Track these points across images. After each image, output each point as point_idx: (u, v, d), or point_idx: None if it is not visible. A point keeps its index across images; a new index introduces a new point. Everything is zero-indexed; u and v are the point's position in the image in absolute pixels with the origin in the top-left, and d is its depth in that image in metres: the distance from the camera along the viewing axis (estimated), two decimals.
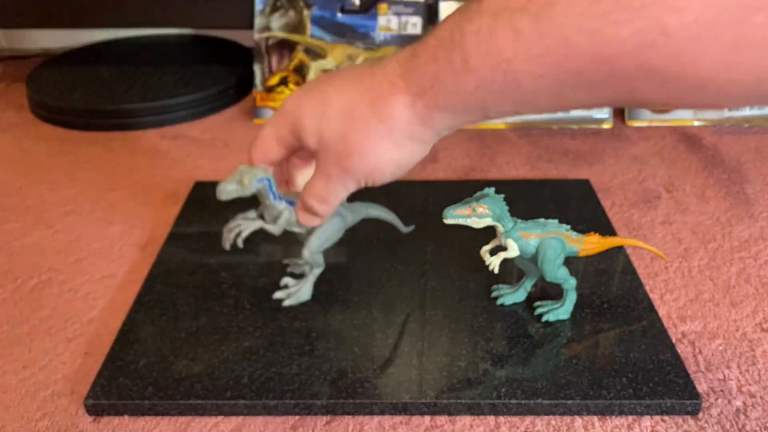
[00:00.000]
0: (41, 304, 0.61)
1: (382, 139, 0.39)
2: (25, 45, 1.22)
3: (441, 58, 0.35)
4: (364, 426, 0.48)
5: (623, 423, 0.48)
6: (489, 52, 0.33)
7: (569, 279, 0.53)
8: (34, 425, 0.49)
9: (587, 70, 0.31)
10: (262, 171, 0.48)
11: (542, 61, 0.31)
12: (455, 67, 0.34)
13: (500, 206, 0.51)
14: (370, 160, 0.40)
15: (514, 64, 0.32)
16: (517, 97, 0.34)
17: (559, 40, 0.30)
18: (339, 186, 0.43)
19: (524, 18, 0.31)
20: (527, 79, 0.32)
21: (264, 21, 0.95)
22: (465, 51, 0.34)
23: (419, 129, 0.39)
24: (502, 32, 0.32)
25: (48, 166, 0.85)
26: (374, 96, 0.38)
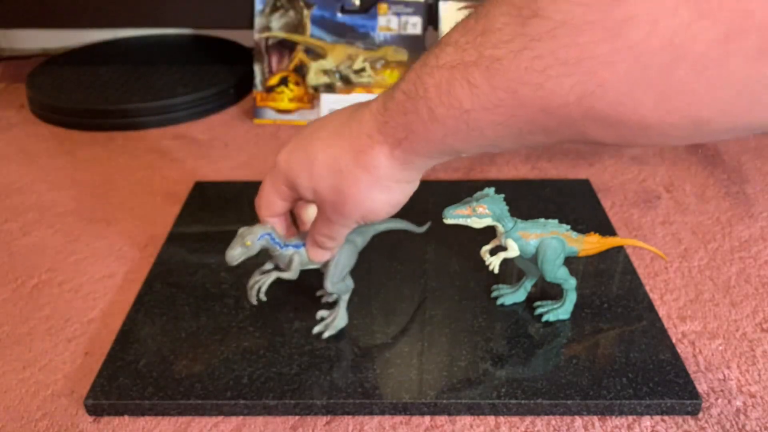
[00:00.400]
0: (41, 304, 0.61)
1: (371, 187, 0.42)
2: (25, 45, 1.22)
3: (409, 110, 0.38)
4: (364, 426, 0.48)
5: (623, 423, 0.48)
6: (451, 104, 0.35)
7: (569, 279, 0.53)
8: (34, 425, 0.49)
9: (538, 119, 0.33)
10: (260, 228, 0.50)
11: (498, 111, 0.34)
12: (423, 117, 0.37)
13: (500, 206, 0.51)
14: (364, 205, 0.43)
15: (473, 114, 0.35)
16: (483, 141, 0.37)
17: (509, 92, 0.33)
18: (340, 227, 0.47)
19: (477, 71, 0.33)
20: (488, 126, 0.35)
21: (264, 21, 0.95)
22: (429, 103, 0.36)
23: (402, 172, 0.42)
24: (459, 85, 0.34)
25: (48, 166, 0.85)
26: (356, 149, 0.41)
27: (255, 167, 0.83)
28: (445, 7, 0.94)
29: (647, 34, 0.28)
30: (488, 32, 0.33)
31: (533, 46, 0.31)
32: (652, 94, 0.29)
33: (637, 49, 0.28)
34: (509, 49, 0.32)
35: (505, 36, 0.32)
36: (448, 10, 0.94)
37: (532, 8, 0.30)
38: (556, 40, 0.30)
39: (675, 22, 0.27)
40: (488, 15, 0.33)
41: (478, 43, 0.33)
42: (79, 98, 0.96)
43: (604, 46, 0.29)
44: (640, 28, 0.28)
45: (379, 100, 0.40)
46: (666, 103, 0.29)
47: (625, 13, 0.28)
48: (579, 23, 0.29)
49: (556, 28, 0.30)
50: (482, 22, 0.33)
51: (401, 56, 0.94)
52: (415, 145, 0.39)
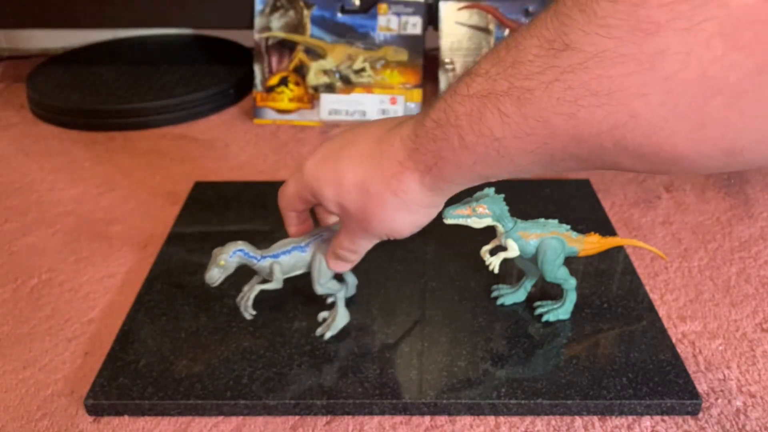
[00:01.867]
0: (41, 304, 0.61)
1: (398, 209, 0.43)
2: (25, 45, 1.22)
3: (440, 138, 0.38)
4: (364, 426, 0.48)
5: (623, 423, 0.48)
6: (481, 132, 0.36)
7: (569, 279, 0.53)
8: (34, 425, 0.49)
9: (570, 148, 0.33)
10: (231, 246, 0.51)
11: (529, 140, 0.34)
12: (453, 145, 0.38)
13: (500, 206, 0.51)
14: (389, 225, 0.44)
15: (504, 142, 0.35)
16: (513, 168, 0.37)
17: (541, 121, 0.33)
18: (364, 241, 0.48)
19: (508, 101, 0.34)
20: (519, 154, 0.35)
21: (264, 21, 0.95)
22: (460, 131, 0.37)
23: (431, 198, 0.43)
24: (491, 114, 0.35)
25: (48, 166, 0.85)
26: (387, 174, 0.42)
27: (255, 167, 0.83)
28: (445, 7, 0.94)
29: (681, 67, 0.28)
30: (519, 64, 0.33)
31: (565, 77, 0.31)
32: (686, 126, 0.30)
33: (670, 81, 0.29)
34: (541, 81, 0.32)
35: (536, 68, 0.32)
36: (448, 10, 0.94)
37: (564, 41, 0.31)
38: (588, 71, 0.30)
39: (709, 54, 0.27)
40: (518, 46, 0.33)
41: (509, 74, 0.34)
42: (79, 98, 0.96)
43: (637, 78, 0.29)
44: (674, 60, 0.28)
45: (408, 126, 0.41)
46: (699, 134, 0.30)
47: (657, 46, 0.28)
48: (612, 56, 0.29)
49: (588, 60, 0.30)
50: (513, 53, 0.34)
51: (401, 56, 0.94)
52: (445, 172, 0.40)
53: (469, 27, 0.95)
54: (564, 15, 0.31)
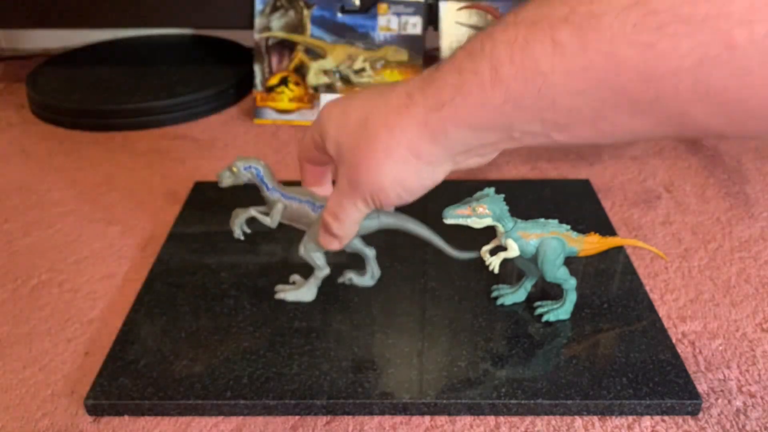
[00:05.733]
0: (41, 304, 0.61)
1: (388, 152, 0.37)
2: (25, 45, 1.22)
3: (467, 69, 0.33)
4: (364, 426, 0.48)
5: (623, 423, 0.48)
6: (523, 64, 0.30)
7: (569, 279, 0.53)
8: (34, 425, 0.49)
9: (635, 89, 0.28)
10: (253, 160, 0.49)
11: (584, 76, 0.29)
12: (482, 78, 0.32)
13: (500, 206, 0.51)
14: (375, 176, 0.39)
15: (551, 78, 0.30)
16: (550, 116, 0.31)
17: (605, 53, 0.28)
18: (349, 203, 0.43)
19: (566, 28, 0.28)
20: (564, 95, 0.30)
21: (264, 21, 0.95)
22: (495, 61, 0.31)
23: (427, 146, 0.37)
24: (540, 43, 0.29)
25: (48, 166, 0.85)
26: (389, 108, 0.37)
27: None
28: (445, 7, 0.94)
29: None
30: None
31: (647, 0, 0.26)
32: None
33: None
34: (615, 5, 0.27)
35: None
36: (448, 10, 0.94)
37: None
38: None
39: None
40: None
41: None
42: (79, 98, 0.96)
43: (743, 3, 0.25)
44: None
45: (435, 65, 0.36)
46: None
47: None
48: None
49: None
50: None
51: (401, 56, 0.94)
52: (461, 111, 0.34)
53: (469, 27, 0.95)
54: None
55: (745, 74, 0.26)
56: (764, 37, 0.25)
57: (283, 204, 0.49)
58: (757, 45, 0.25)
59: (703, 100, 0.27)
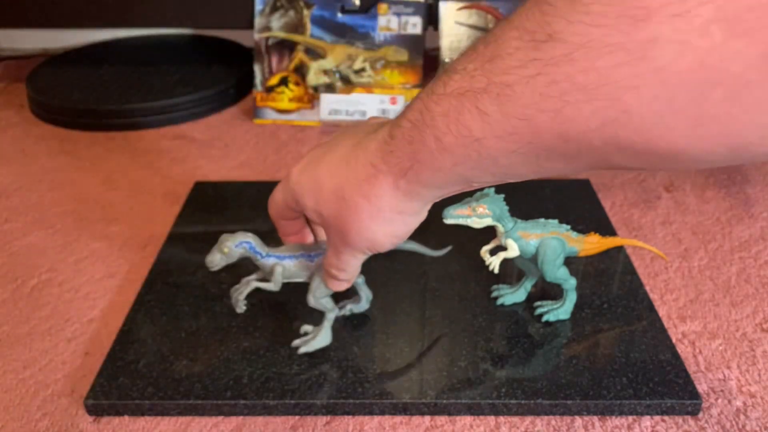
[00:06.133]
0: (41, 304, 0.61)
1: (373, 217, 0.41)
2: (25, 45, 1.22)
3: (416, 140, 0.36)
4: (364, 426, 0.48)
5: (623, 423, 0.48)
6: (460, 132, 0.33)
7: (569, 279, 0.53)
8: (34, 425, 0.49)
9: (558, 146, 0.31)
10: (241, 236, 0.50)
11: (512, 139, 0.32)
12: (430, 147, 0.35)
13: (500, 206, 0.51)
14: (367, 235, 0.42)
15: (485, 142, 0.33)
16: (497, 170, 0.35)
17: (522, 119, 0.31)
18: (349, 257, 0.46)
19: (487, 98, 0.31)
20: (501, 155, 0.33)
21: (264, 21, 0.95)
22: (437, 131, 0.34)
23: (406, 204, 0.40)
24: (469, 113, 0.32)
25: (48, 166, 0.85)
26: (360, 179, 0.40)
27: (255, 167, 0.83)
28: (445, 7, 0.94)
29: (675, 57, 0.26)
30: (498, 58, 0.31)
31: (548, 71, 0.29)
32: (684, 120, 0.27)
33: (664, 72, 0.26)
34: (522, 75, 0.30)
35: (516, 61, 0.30)
36: (448, 10, 0.94)
37: (547, 31, 0.28)
38: (574, 64, 0.28)
39: (706, 42, 0.25)
40: (498, 40, 0.31)
41: (488, 70, 0.31)
42: (79, 98, 0.96)
43: (627, 70, 0.27)
44: (667, 49, 0.26)
45: (386, 128, 0.39)
46: (699, 130, 0.27)
47: (649, 34, 0.26)
48: (598, 46, 0.27)
49: (574, 52, 0.28)
50: (492, 47, 0.31)
51: (401, 56, 0.94)
52: (422, 176, 0.37)
53: (469, 27, 0.95)
54: (546, 3, 0.28)
55: (645, 132, 0.28)
56: (653, 99, 0.27)
57: (281, 266, 0.51)
58: (649, 107, 0.27)
59: (618, 151, 0.30)
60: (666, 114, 0.27)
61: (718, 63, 0.25)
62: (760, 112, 0.26)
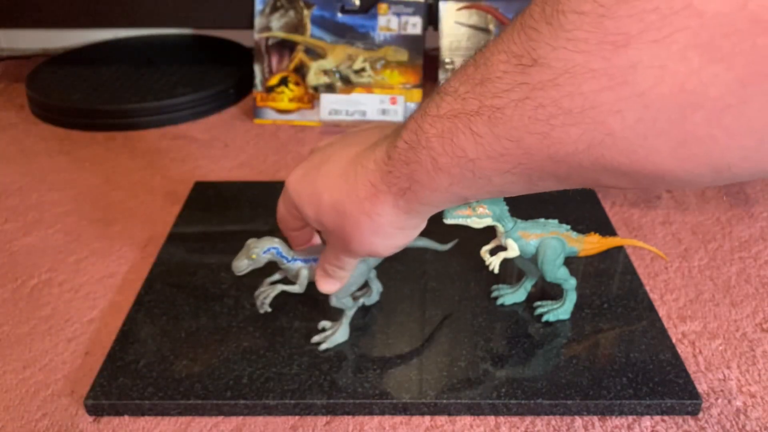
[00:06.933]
0: (41, 304, 0.61)
1: (374, 233, 0.42)
2: (25, 45, 1.22)
3: (412, 161, 0.37)
4: (364, 426, 0.48)
5: (623, 423, 0.48)
6: (455, 153, 0.34)
7: (569, 279, 0.53)
8: (34, 425, 0.49)
9: (548, 167, 0.32)
10: (267, 241, 0.51)
11: (504, 160, 0.33)
12: (426, 167, 0.36)
13: (500, 206, 0.51)
14: (367, 247, 0.43)
15: (478, 163, 0.34)
16: (491, 188, 0.36)
17: (514, 141, 0.32)
18: (347, 259, 0.47)
19: (479, 121, 0.32)
20: (495, 175, 0.34)
21: (264, 21, 0.95)
22: (433, 152, 0.35)
23: (407, 220, 0.41)
24: (463, 134, 0.33)
25: (48, 166, 0.85)
26: (360, 197, 0.41)
27: (255, 167, 0.83)
28: (445, 7, 0.94)
29: (655, 81, 0.26)
30: (488, 81, 0.32)
31: (535, 95, 0.30)
32: (667, 143, 0.28)
33: (645, 96, 0.27)
34: (510, 99, 0.31)
35: (505, 85, 0.31)
36: (448, 10, 0.94)
37: (532, 56, 0.29)
38: (559, 89, 0.29)
39: (684, 67, 0.26)
40: (487, 63, 0.32)
41: (479, 93, 0.32)
42: (79, 98, 0.96)
43: (610, 95, 0.28)
44: (647, 74, 0.26)
45: (383, 146, 0.40)
46: (682, 151, 0.28)
47: (629, 60, 0.26)
48: (582, 71, 0.28)
49: (558, 77, 0.28)
50: (481, 70, 0.32)
51: (401, 56, 0.94)
52: (420, 195, 0.38)
53: (469, 27, 0.95)
54: (531, 28, 0.29)
55: (630, 153, 0.29)
56: (636, 122, 0.28)
57: (306, 269, 0.52)
58: (632, 129, 0.28)
59: (605, 172, 0.31)
60: (649, 136, 0.28)
61: (697, 87, 0.26)
62: (740, 135, 0.27)
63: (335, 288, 0.50)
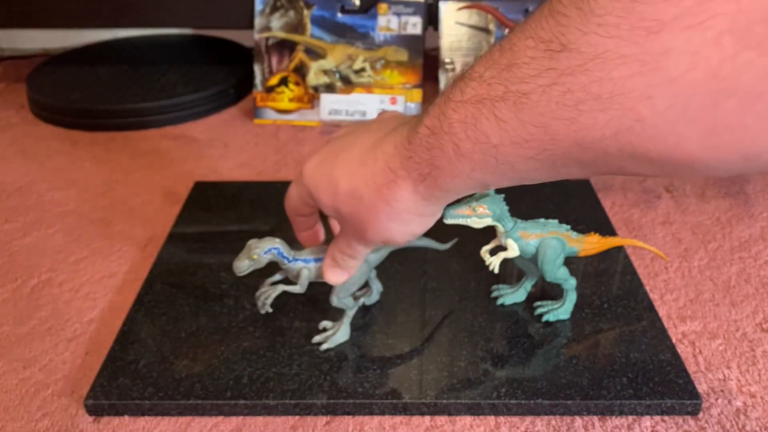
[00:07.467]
0: (41, 304, 0.61)
1: (391, 219, 0.41)
2: (25, 45, 1.22)
3: (434, 146, 0.37)
4: (364, 426, 0.48)
5: (623, 423, 0.48)
6: (478, 139, 0.34)
7: (569, 279, 0.53)
8: (34, 425, 0.49)
9: (573, 153, 0.32)
10: (268, 242, 0.51)
11: (528, 146, 0.32)
12: (448, 154, 0.36)
13: (500, 206, 0.51)
14: (384, 234, 0.43)
15: (502, 149, 0.33)
16: (514, 175, 0.35)
17: (540, 127, 0.31)
18: (360, 246, 0.47)
19: (504, 107, 0.32)
20: (518, 161, 0.34)
21: (264, 21, 0.95)
22: (455, 138, 0.35)
23: (425, 207, 0.41)
24: (487, 120, 0.33)
25: (48, 166, 0.85)
26: (379, 182, 0.40)
27: (255, 167, 0.83)
28: (445, 7, 0.94)
29: (688, 67, 0.26)
30: (514, 66, 0.31)
31: (563, 80, 0.29)
32: (697, 130, 0.28)
33: (677, 83, 0.27)
34: (538, 84, 0.30)
35: (532, 70, 0.30)
36: (448, 10, 0.94)
37: (561, 41, 0.29)
38: (588, 74, 0.28)
39: (718, 54, 0.26)
40: (513, 48, 0.31)
41: (504, 78, 0.32)
42: (79, 98, 0.96)
43: (641, 80, 0.27)
44: (680, 60, 0.26)
45: (403, 132, 0.40)
46: (712, 139, 0.28)
47: (662, 46, 0.26)
48: (612, 57, 0.27)
49: (588, 62, 0.28)
50: (508, 55, 0.32)
51: (401, 56, 0.94)
52: (440, 181, 0.38)
53: (469, 27, 0.95)
54: (560, 13, 0.29)
55: (658, 140, 0.29)
56: (666, 109, 0.27)
57: (307, 269, 0.51)
58: (662, 116, 0.28)
59: (631, 159, 0.30)
60: (679, 123, 0.28)
61: (730, 74, 0.26)
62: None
63: (343, 278, 0.50)
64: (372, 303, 0.57)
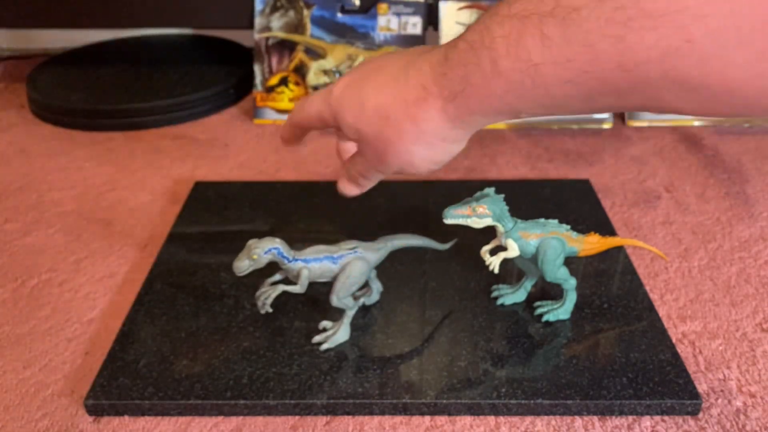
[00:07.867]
0: (41, 304, 0.61)
1: (415, 141, 0.40)
2: (25, 45, 1.22)
3: (470, 62, 0.35)
4: (364, 426, 0.48)
5: (623, 423, 0.48)
6: (518, 56, 0.33)
7: (569, 279, 0.53)
8: (34, 425, 0.49)
9: (613, 78, 0.31)
10: (268, 242, 0.51)
11: (569, 67, 0.32)
12: (485, 70, 0.35)
13: (500, 206, 0.51)
14: (405, 158, 0.41)
15: (542, 68, 0.32)
16: (548, 101, 0.34)
17: (585, 46, 0.30)
18: (378, 171, 0.45)
19: (552, 23, 0.31)
20: (556, 84, 0.33)
21: (264, 21, 0.95)
22: (494, 54, 0.34)
23: (451, 131, 0.39)
24: (531, 37, 0.32)
25: (48, 166, 0.85)
26: (408, 99, 0.39)
27: (255, 167, 0.83)
28: (445, 7, 0.94)
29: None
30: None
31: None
32: (746, 55, 0.27)
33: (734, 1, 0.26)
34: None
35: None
36: (448, 10, 0.94)
37: None
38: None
39: None
40: None
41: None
42: (79, 98, 0.96)
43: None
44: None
45: (441, 49, 0.38)
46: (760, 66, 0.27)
47: None
48: None
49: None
50: None
51: None
52: (471, 101, 0.36)
53: None
54: None
55: (705, 64, 0.28)
56: (718, 29, 0.27)
57: (307, 269, 0.51)
58: (713, 37, 0.27)
59: (672, 87, 0.30)
60: (729, 46, 0.27)
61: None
62: None
63: (355, 192, 0.49)
64: (372, 303, 0.57)
